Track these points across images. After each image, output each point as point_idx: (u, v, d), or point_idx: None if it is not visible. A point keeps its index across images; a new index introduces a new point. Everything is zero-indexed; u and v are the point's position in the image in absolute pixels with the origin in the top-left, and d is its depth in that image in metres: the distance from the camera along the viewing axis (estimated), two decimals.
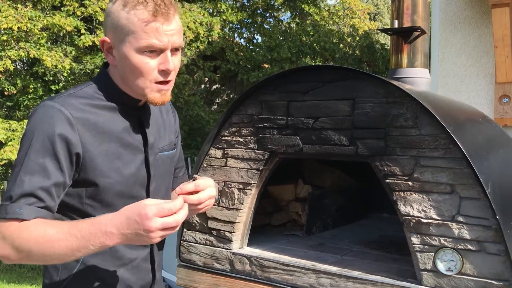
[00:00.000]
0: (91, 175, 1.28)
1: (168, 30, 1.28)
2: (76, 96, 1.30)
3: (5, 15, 6.22)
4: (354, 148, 1.77)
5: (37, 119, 1.24)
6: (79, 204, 1.29)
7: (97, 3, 6.93)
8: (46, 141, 1.22)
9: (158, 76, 1.31)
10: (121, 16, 1.27)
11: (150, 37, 1.26)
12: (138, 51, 1.27)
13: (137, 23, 1.25)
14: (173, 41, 1.30)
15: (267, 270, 1.93)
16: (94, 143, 1.28)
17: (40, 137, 1.22)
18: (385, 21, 17.08)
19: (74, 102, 1.28)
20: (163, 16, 1.26)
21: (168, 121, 1.54)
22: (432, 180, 1.61)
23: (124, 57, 1.29)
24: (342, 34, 9.92)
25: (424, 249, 1.61)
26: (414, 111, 1.65)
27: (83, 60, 7.28)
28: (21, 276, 6.77)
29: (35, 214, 1.18)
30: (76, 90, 1.33)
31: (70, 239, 1.14)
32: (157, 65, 1.30)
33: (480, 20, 4.33)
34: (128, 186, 1.35)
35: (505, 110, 4.10)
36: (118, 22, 1.28)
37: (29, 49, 6.51)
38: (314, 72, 1.89)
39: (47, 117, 1.23)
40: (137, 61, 1.28)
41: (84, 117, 1.27)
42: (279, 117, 1.94)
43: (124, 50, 1.29)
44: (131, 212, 1.13)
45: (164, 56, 1.30)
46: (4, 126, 6.52)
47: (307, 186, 2.53)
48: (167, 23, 1.27)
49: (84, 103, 1.30)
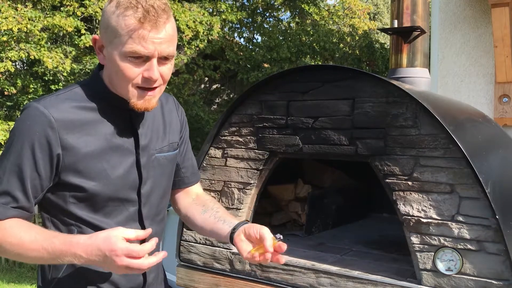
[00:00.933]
0: (74, 178, 1.28)
1: (156, 38, 1.25)
2: (63, 98, 1.30)
3: (5, 16, 6.21)
4: (354, 148, 1.77)
5: (21, 121, 1.26)
6: (64, 204, 1.31)
7: (97, 3, 6.92)
8: (26, 142, 1.24)
9: (139, 81, 1.28)
10: (112, 18, 1.26)
11: (135, 43, 1.23)
12: (123, 55, 1.25)
13: (124, 28, 1.24)
14: (161, 50, 1.26)
15: (266, 269, 1.93)
16: (78, 145, 1.27)
17: (21, 139, 1.24)
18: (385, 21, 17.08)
19: (59, 103, 1.28)
20: (150, 23, 1.24)
21: (170, 121, 1.52)
22: (431, 179, 1.61)
23: (111, 58, 1.28)
24: (342, 34, 9.92)
25: (424, 248, 1.61)
26: (414, 111, 1.65)
27: (83, 60, 7.28)
28: (21, 275, 6.77)
29: (8, 214, 1.23)
30: (65, 91, 1.33)
31: (42, 251, 1.20)
32: (141, 71, 1.27)
33: (480, 20, 4.33)
34: (116, 189, 1.34)
35: (505, 110, 4.10)
36: (108, 23, 1.27)
37: (29, 50, 6.50)
38: (313, 72, 1.89)
39: (30, 119, 1.25)
40: (121, 65, 1.26)
41: (68, 119, 1.27)
42: (278, 117, 1.94)
43: (111, 52, 1.27)
44: (104, 245, 1.18)
45: (150, 63, 1.27)
46: (4, 128, 6.51)
47: (307, 186, 2.53)
48: (155, 31, 1.25)
49: (71, 105, 1.29)
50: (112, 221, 1.33)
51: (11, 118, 7.39)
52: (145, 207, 1.39)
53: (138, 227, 1.37)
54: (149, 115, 1.43)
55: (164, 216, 1.48)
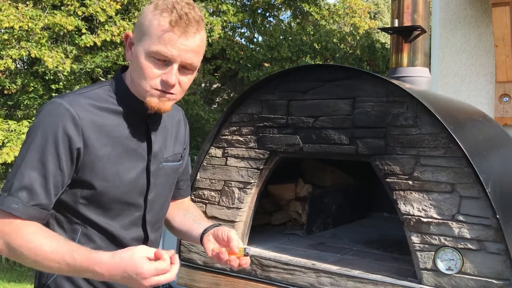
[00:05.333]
0: (88, 176, 1.29)
1: (182, 45, 1.27)
2: (86, 97, 1.31)
3: (6, 14, 6.22)
4: (354, 147, 1.77)
5: (44, 115, 1.26)
6: (73, 203, 1.30)
7: (98, 3, 6.92)
8: (50, 138, 1.23)
9: (158, 84, 1.30)
10: (147, 17, 1.29)
11: (160, 44, 1.26)
12: (147, 54, 1.28)
13: (156, 27, 1.27)
14: (184, 57, 1.28)
15: (267, 269, 1.93)
16: (97, 145, 1.29)
17: (44, 134, 1.23)
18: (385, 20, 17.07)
19: (82, 102, 1.29)
20: (180, 29, 1.26)
21: (176, 132, 1.54)
22: (432, 179, 1.61)
23: (136, 55, 1.31)
24: (343, 33, 9.91)
25: (424, 248, 1.61)
26: (414, 110, 1.65)
27: (84, 60, 7.28)
28: (22, 275, 6.77)
29: (29, 214, 1.20)
30: (88, 90, 1.34)
31: (62, 263, 1.18)
32: (161, 73, 1.30)
33: (480, 19, 4.32)
34: (125, 193, 1.35)
35: (505, 109, 4.10)
36: (143, 22, 1.30)
37: (30, 49, 6.51)
38: (314, 71, 1.89)
39: (53, 114, 1.25)
40: (144, 63, 1.29)
41: (90, 118, 1.28)
42: (279, 116, 1.94)
43: (138, 49, 1.30)
44: (129, 267, 1.15)
45: (170, 68, 1.29)
46: (3, 127, 6.51)
47: (307, 185, 2.53)
48: (183, 38, 1.27)
49: (93, 104, 1.30)
50: (118, 224, 1.34)
51: (11, 117, 7.39)
52: (149, 213, 1.40)
53: (140, 232, 1.39)
54: (162, 123, 1.45)
55: (162, 224, 1.51)
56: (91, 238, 1.32)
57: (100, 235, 1.33)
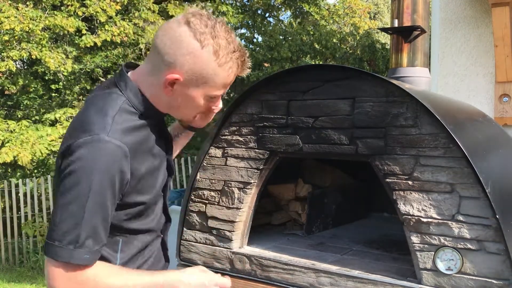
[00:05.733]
0: (133, 197, 1.30)
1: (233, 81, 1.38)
2: (121, 121, 1.26)
3: (7, 15, 6.22)
4: (354, 148, 1.77)
5: (95, 156, 1.19)
6: (117, 221, 1.31)
7: (98, 4, 6.93)
8: (107, 181, 1.19)
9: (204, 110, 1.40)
10: (210, 67, 1.28)
11: (223, 89, 1.35)
12: (207, 97, 1.34)
13: (223, 79, 1.31)
14: None
15: (267, 269, 1.93)
16: (138, 167, 1.29)
17: (101, 177, 1.18)
18: (385, 20, 17.07)
19: (122, 129, 1.25)
20: (241, 70, 1.36)
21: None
22: (432, 179, 1.61)
23: (190, 97, 1.33)
24: (344, 34, 9.91)
25: (424, 248, 1.61)
26: (414, 110, 1.65)
27: (84, 60, 7.28)
28: (21, 275, 6.77)
29: (96, 258, 1.22)
30: (114, 110, 1.27)
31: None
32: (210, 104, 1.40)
33: (480, 19, 4.32)
34: (156, 196, 1.42)
35: (505, 109, 4.09)
36: (202, 71, 1.28)
37: (30, 50, 6.51)
38: (314, 71, 1.89)
39: (105, 154, 1.19)
40: (200, 103, 1.35)
41: (131, 144, 1.26)
42: (279, 116, 1.94)
43: (194, 94, 1.32)
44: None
45: (218, 99, 1.40)
46: (3, 127, 6.51)
47: (307, 186, 2.53)
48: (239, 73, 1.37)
49: (128, 127, 1.28)
50: (153, 221, 1.42)
51: (11, 117, 7.39)
52: (166, 198, 1.51)
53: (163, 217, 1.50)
54: None
55: None
56: (131, 243, 1.37)
57: (138, 237, 1.39)
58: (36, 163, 8.07)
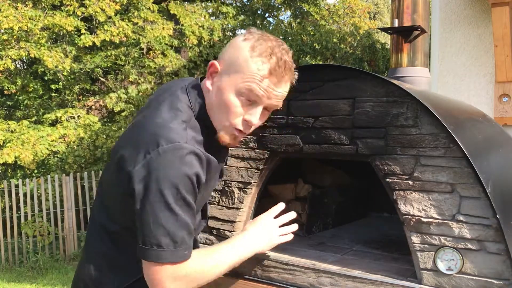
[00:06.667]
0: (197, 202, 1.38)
1: (275, 91, 1.31)
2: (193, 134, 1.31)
3: (6, 14, 6.22)
4: (354, 147, 1.77)
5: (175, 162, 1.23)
6: None
7: (97, 4, 6.92)
8: (188, 182, 1.25)
9: (239, 123, 1.34)
10: (243, 57, 1.29)
11: (254, 86, 1.29)
12: (237, 92, 1.30)
13: (253, 71, 1.28)
14: (270, 102, 1.33)
15: (267, 269, 1.93)
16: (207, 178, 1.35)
17: (185, 178, 1.24)
18: (385, 20, 17.07)
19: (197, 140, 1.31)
20: (277, 77, 1.30)
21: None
22: (432, 179, 1.61)
23: (222, 89, 1.32)
24: (344, 34, 9.91)
25: (424, 248, 1.61)
26: (414, 110, 1.65)
27: (83, 60, 7.28)
28: (21, 275, 6.77)
29: (191, 251, 1.32)
30: (185, 123, 1.31)
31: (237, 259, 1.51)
32: (244, 113, 1.33)
33: (480, 19, 4.32)
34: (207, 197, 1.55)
35: (505, 109, 4.10)
36: (237, 59, 1.30)
37: (29, 49, 6.51)
38: (314, 71, 1.89)
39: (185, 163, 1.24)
40: (231, 99, 1.31)
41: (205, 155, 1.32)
42: (279, 116, 1.94)
43: (225, 84, 1.31)
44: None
45: (255, 109, 1.32)
46: (3, 127, 6.52)
47: (307, 186, 2.53)
48: (278, 85, 1.31)
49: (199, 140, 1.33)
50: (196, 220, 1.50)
51: (11, 118, 7.39)
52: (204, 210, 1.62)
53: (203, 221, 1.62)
54: None
55: None
56: None
57: None
58: (37, 163, 8.08)
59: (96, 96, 8.89)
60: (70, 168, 8.28)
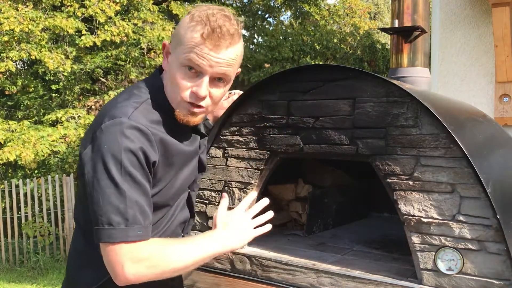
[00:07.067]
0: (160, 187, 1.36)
1: (214, 57, 1.29)
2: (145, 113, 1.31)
3: (7, 16, 6.22)
4: (355, 148, 1.77)
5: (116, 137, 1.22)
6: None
7: (98, 4, 6.93)
8: (132, 156, 1.22)
9: (187, 95, 1.32)
10: (183, 28, 1.31)
11: (192, 55, 1.28)
12: (181, 64, 1.30)
13: (189, 39, 1.28)
14: (215, 70, 1.30)
15: (267, 269, 1.93)
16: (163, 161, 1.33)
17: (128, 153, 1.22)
18: (385, 21, 17.07)
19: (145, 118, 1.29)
20: (212, 42, 1.27)
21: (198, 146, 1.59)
22: (432, 179, 1.61)
23: (171, 65, 1.33)
24: (344, 34, 9.92)
25: (424, 248, 1.61)
26: (415, 110, 1.65)
27: (84, 60, 7.29)
28: (22, 275, 6.77)
29: (149, 234, 1.26)
30: (138, 103, 1.31)
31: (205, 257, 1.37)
32: (191, 85, 1.31)
33: (480, 20, 4.32)
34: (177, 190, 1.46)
35: (505, 109, 4.10)
36: (178, 32, 1.33)
37: (30, 50, 6.51)
38: (314, 71, 1.89)
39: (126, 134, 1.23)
40: (177, 73, 1.31)
41: (155, 133, 1.30)
42: (279, 116, 1.94)
43: (172, 59, 1.33)
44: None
45: (201, 79, 1.30)
46: (4, 127, 6.52)
47: (307, 186, 2.53)
48: (215, 50, 1.28)
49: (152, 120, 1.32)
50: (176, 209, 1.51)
51: (11, 118, 7.40)
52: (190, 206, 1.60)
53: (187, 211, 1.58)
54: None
55: None
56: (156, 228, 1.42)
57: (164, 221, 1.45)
58: (37, 163, 8.08)
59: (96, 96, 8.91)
60: (70, 168, 8.28)
